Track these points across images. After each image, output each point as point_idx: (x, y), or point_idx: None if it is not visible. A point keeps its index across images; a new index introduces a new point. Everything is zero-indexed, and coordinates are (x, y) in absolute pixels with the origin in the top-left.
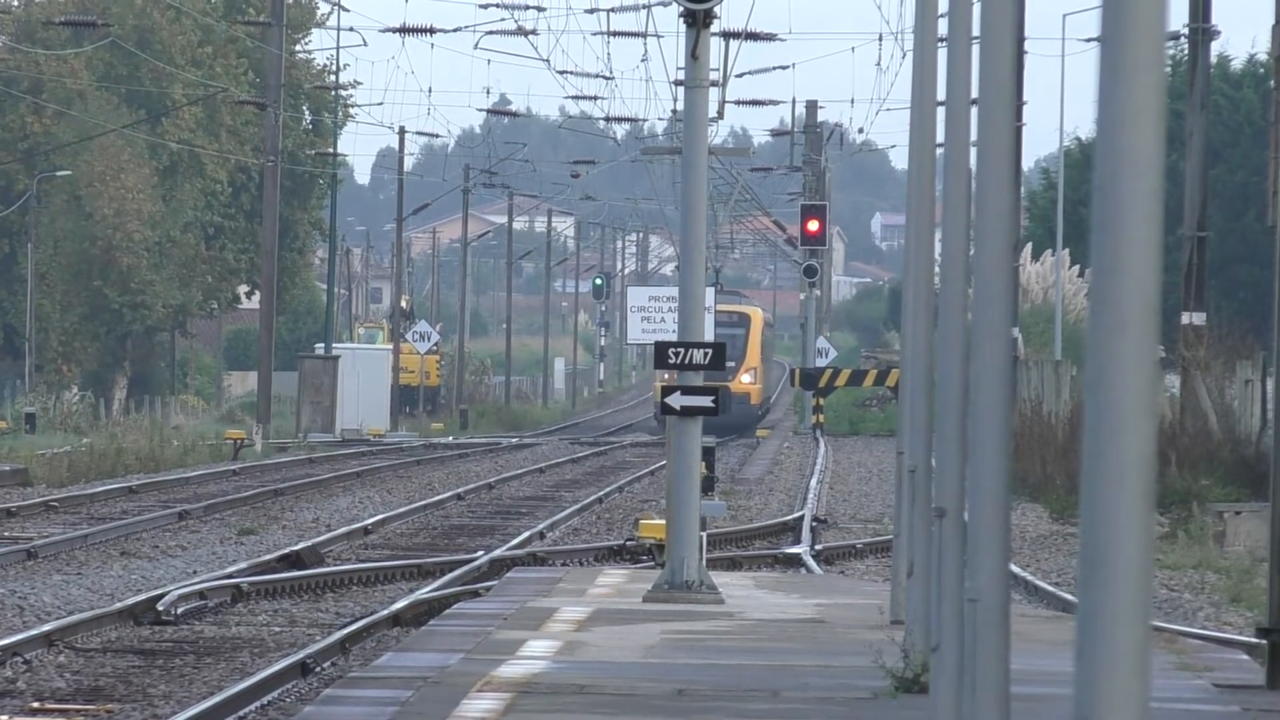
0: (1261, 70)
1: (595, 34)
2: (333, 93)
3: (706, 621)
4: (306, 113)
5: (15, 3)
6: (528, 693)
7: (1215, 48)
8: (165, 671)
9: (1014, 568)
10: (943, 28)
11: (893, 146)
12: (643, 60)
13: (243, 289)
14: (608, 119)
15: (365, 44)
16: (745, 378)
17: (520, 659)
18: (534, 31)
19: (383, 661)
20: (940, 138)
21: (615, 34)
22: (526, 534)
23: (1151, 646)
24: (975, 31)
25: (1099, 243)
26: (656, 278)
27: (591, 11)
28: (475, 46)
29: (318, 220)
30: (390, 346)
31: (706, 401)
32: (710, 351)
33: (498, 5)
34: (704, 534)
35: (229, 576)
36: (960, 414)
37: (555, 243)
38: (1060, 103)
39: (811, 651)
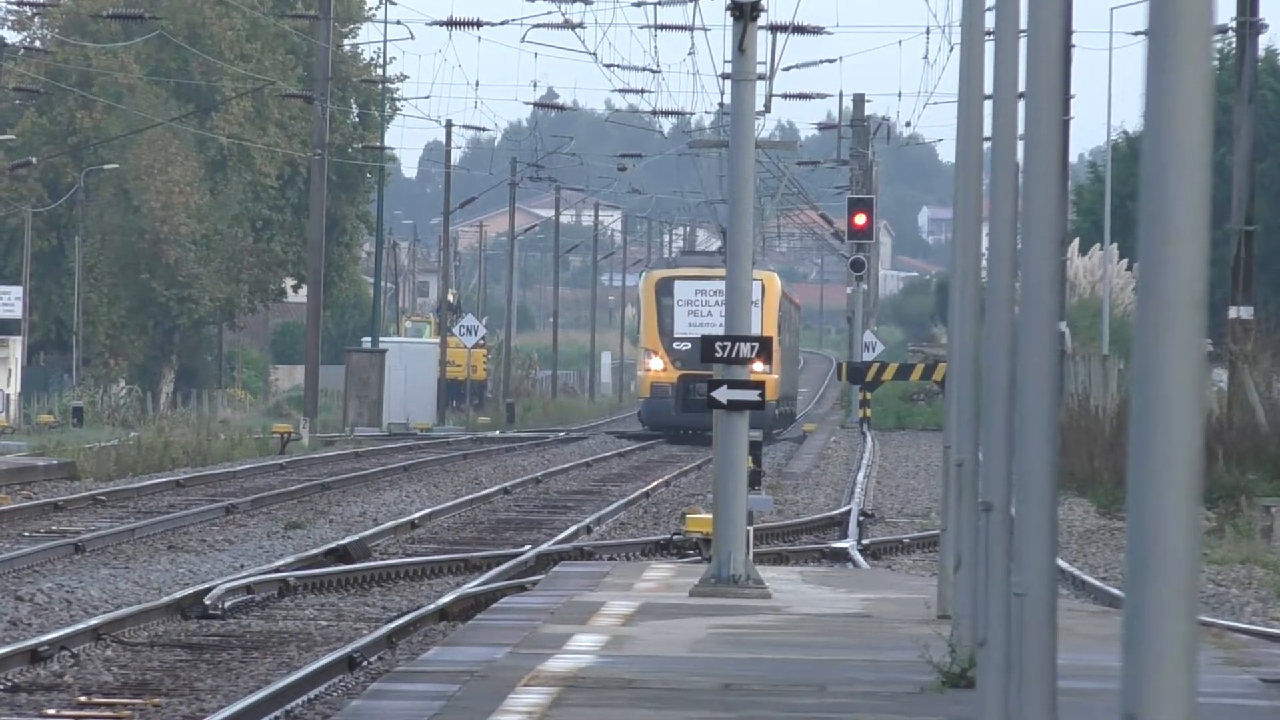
0: None
1: (642, 27)
2: (380, 86)
3: (753, 616)
4: (354, 106)
5: None
6: (574, 687)
7: (1262, 41)
8: (212, 665)
9: (1061, 562)
10: (990, 21)
11: (940, 140)
12: (690, 54)
13: (290, 282)
14: (654, 112)
15: (412, 37)
16: (756, 365)
17: (567, 653)
18: (581, 25)
19: (429, 655)
20: (988, 131)
21: (662, 27)
22: (573, 528)
23: (1199, 641)
24: (1023, 25)
25: (1146, 237)
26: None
27: (638, 5)
28: (522, 40)
29: (365, 214)
30: (437, 340)
31: (753, 395)
32: (759, 345)
33: None
34: (751, 528)
35: (276, 570)
36: (1007, 408)
37: (602, 236)
38: (1108, 96)
39: (858, 646)
